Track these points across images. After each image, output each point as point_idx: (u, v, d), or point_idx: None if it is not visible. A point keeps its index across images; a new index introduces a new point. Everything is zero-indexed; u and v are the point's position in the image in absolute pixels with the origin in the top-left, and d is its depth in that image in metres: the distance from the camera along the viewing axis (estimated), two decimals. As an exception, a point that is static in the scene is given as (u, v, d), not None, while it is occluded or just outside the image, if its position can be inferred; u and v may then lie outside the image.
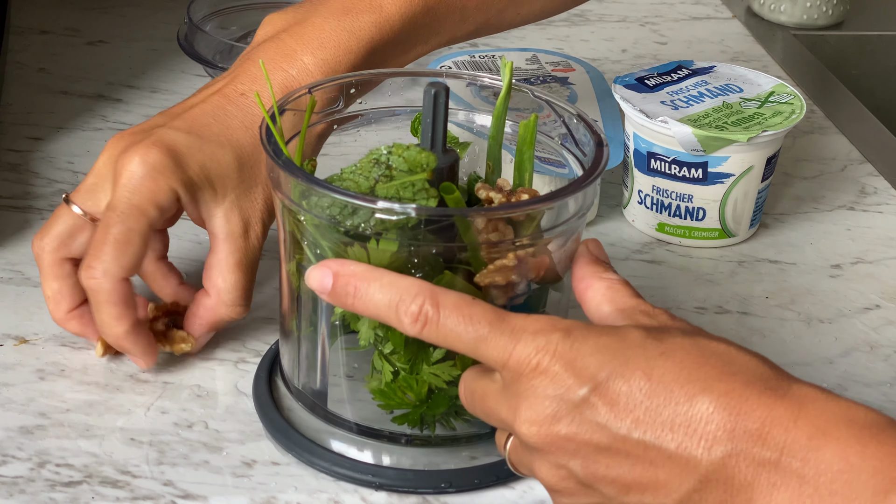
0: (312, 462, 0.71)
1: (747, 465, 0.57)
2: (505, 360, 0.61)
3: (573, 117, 0.73)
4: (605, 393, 0.59)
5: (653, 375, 0.59)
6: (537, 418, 0.60)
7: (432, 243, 0.65)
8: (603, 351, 0.60)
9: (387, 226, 0.64)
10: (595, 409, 0.59)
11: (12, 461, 0.71)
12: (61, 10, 1.22)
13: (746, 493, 0.57)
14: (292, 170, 0.67)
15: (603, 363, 0.59)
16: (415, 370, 0.68)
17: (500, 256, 0.66)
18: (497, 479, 0.71)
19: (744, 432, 0.57)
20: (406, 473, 0.70)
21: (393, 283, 0.63)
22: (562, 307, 0.72)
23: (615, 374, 0.59)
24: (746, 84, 0.97)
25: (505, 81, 0.72)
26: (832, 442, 0.56)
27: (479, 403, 0.64)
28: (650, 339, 0.60)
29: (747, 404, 0.58)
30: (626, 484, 0.59)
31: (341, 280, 0.64)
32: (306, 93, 0.73)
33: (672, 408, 0.58)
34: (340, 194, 0.65)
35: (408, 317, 0.62)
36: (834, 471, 0.56)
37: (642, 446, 0.58)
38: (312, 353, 0.71)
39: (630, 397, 0.59)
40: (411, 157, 0.67)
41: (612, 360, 0.59)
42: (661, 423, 0.58)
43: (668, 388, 0.58)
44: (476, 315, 0.62)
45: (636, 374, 0.59)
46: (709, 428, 0.57)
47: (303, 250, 0.69)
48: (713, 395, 0.58)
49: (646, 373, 0.59)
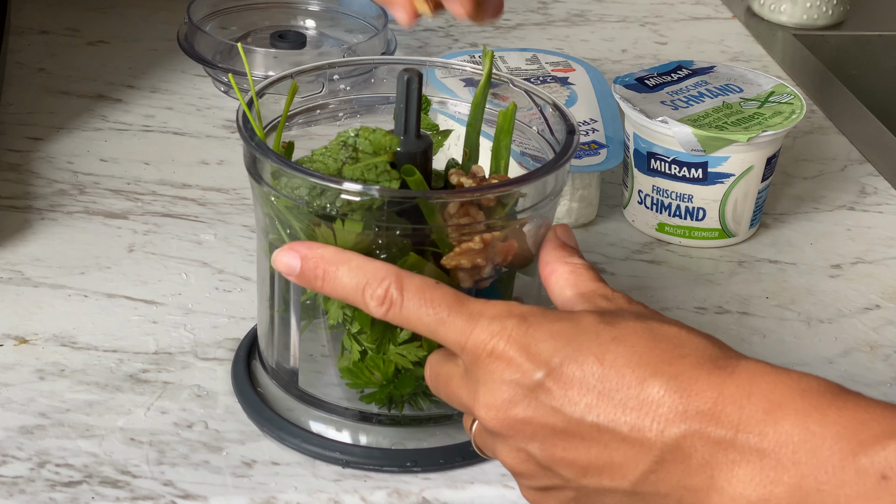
0: (282, 438, 0.73)
1: (703, 445, 0.58)
2: (463, 343, 0.62)
3: (548, 106, 0.75)
4: (560, 377, 0.60)
5: (605, 360, 0.60)
6: (494, 403, 0.61)
7: (397, 225, 0.67)
8: (557, 336, 0.61)
9: (353, 207, 0.66)
10: (550, 394, 0.60)
11: (12, 461, 0.71)
12: (61, 10, 1.22)
13: (706, 471, 0.58)
14: (264, 151, 0.69)
15: (557, 348, 0.60)
16: (381, 350, 0.69)
17: (467, 240, 0.67)
18: (462, 459, 0.72)
19: (696, 413, 0.58)
20: (373, 452, 0.72)
21: (361, 267, 0.64)
22: (533, 291, 0.74)
23: (569, 359, 0.60)
24: (746, 84, 0.97)
25: (485, 71, 0.73)
26: (790, 414, 0.57)
27: (442, 386, 0.65)
28: (603, 323, 0.61)
29: (697, 385, 0.58)
30: (583, 466, 0.60)
31: (310, 263, 0.65)
32: (288, 78, 0.74)
33: (624, 391, 0.59)
34: (307, 175, 0.66)
35: (374, 300, 0.63)
36: (795, 441, 0.56)
37: (596, 429, 0.59)
38: (285, 332, 0.73)
39: (583, 382, 0.59)
40: (376, 139, 0.69)
41: (565, 346, 0.60)
42: (614, 406, 0.59)
43: (619, 372, 0.59)
44: (437, 299, 0.63)
45: (589, 358, 0.60)
46: (661, 410, 0.58)
47: (277, 230, 0.70)
48: (663, 379, 0.59)
49: (598, 357, 0.60)
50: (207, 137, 1.04)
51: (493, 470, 0.73)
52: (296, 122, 0.76)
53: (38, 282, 0.85)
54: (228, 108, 1.08)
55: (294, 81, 0.73)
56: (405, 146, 0.70)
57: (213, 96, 1.10)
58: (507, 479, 0.72)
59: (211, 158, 1.01)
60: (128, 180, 0.97)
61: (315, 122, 0.78)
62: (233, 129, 1.05)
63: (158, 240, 0.90)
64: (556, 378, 0.60)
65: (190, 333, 0.82)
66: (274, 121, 0.74)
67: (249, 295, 0.85)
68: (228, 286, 0.86)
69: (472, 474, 0.72)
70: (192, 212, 0.94)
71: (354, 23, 1.17)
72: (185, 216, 0.93)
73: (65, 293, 0.84)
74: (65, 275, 0.86)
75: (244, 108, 0.71)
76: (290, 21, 1.19)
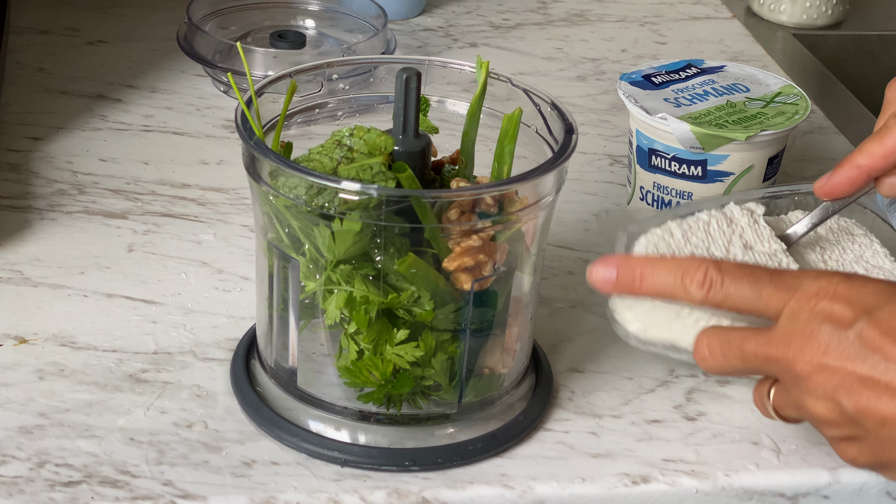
0: (281, 438, 0.73)
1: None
2: (787, 299, 0.66)
3: (548, 106, 0.75)
4: (879, 324, 0.63)
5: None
6: (812, 350, 0.64)
7: (395, 224, 0.67)
8: (881, 291, 0.64)
9: (350, 206, 0.66)
10: (866, 341, 0.63)
11: (12, 461, 0.71)
12: (61, 10, 1.22)
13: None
14: (263, 150, 0.69)
15: (879, 298, 0.63)
16: (378, 350, 0.69)
17: (463, 239, 0.68)
18: (461, 458, 0.72)
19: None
20: (372, 451, 0.72)
21: (675, 261, 0.69)
22: (532, 291, 0.74)
23: (889, 308, 0.63)
24: (754, 84, 0.97)
25: (480, 80, 0.73)
26: None
27: (736, 348, 0.67)
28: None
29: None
30: (882, 417, 0.63)
31: (625, 270, 0.70)
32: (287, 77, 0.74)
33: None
34: (306, 174, 0.67)
35: (695, 284, 0.68)
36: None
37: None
38: (284, 332, 0.73)
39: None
40: (371, 139, 0.69)
41: (889, 298, 0.64)
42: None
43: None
44: (756, 272, 0.67)
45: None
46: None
47: (276, 229, 0.70)
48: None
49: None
50: (207, 137, 1.04)
51: (492, 470, 0.73)
52: (295, 121, 0.76)
53: (38, 282, 0.85)
54: (228, 108, 1.08)
55: (293, 81, 0.73)
56: (403, 145, 0.70)
57: (213, 96, 1.10)
58: (507, 479, 0.72)
59: (210, 158, 1.01)
60: (127, 180, 0.97)
61: (314, 121, 0.78)
62: (232, 129, 1.05)
63: (158, 240, 0.90)
64: (875, 324, 0.63)
65: (189, 333, 0.82)
66: (273, 120, 0.74)
67: (249, 295, 0.85)
68: (228, 286, 0.86)
69: (471, 474, 0.72)
70: (192, 212, 0.94)
71: (354, 23, 1.17)
72: (185, 216, 0.93)
73: (64, 293, 0.84)
74: (64, 275, 0.86)
75: (243, 108, 0.71)
76: (290, 21, 1.19)
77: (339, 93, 0.79)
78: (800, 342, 0.65)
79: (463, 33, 1.25)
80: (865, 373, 0.64)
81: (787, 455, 0.75)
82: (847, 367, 0.64)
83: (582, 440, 0.75)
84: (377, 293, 0.69)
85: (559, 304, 0.87)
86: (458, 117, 0.77)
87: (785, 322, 0.67)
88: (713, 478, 0.73)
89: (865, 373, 0.64)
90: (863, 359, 0.64)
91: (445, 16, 1.28)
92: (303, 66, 0.76)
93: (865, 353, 0.64)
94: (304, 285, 0.71)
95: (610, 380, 0.80)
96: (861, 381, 0.64)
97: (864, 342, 0.64)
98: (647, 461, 0.74)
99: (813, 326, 0.65)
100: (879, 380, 0.63)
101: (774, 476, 0.74)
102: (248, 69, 0.78)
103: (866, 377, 0.63)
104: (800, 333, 0.66)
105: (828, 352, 0.64)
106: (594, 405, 0.78)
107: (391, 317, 0.70)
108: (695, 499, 0.73)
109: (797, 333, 0.66)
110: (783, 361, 0.66)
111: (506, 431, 0.74)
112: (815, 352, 0.65)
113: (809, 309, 0.65)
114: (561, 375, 0.80)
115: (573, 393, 0.79)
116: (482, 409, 0.74)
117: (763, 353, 0.67)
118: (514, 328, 0.74)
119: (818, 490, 0.74)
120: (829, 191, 0.78)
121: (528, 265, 0.73)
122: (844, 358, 0.64)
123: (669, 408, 0.78)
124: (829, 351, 0.64)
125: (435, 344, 0.70)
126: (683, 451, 0.75)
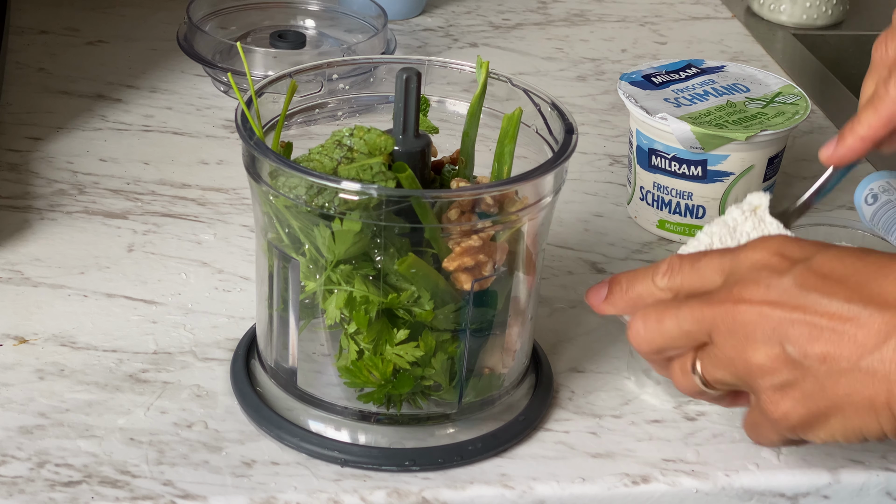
0: (281, 438, 0.73)
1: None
2: (729, 262, 0.68)
3: (548, 106, 0.75)
4: (817, 268, 0.65)
5: (858, 253, 0.66)
6: (753, 292, 0.66)
7: (395, 224, 0.67)
8: (815, 244, 0.67)
9: (350, 206, 0.66)
10: (804, 284, 0.65)
11: (12, 461, 0.71)
12: (61, 10, 1.22)
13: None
14: (263, 150, 0.69)
15: (814, 245, 0.67)
16: (378, 351, 0.69)
17: (463, 239, 0.68)
18: (461, 458, 0.72)
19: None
20: (372, 451, 0.72)
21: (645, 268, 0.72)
22: (532, 291, 0.74)
23: (822, 253, 0.66)
24: (755, 84, 0.97)
25: (480, 80, 0.73)
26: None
27: (672, 315, 0.68)
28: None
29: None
30: (824, 354, 0.64)
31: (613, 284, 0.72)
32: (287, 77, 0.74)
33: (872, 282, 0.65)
34: (306, 174, 0.67)
35: (659, 274, 0.70)
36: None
37: (839, 317, 0.64)
38: (284, 332, 0.73)
39: (834, 272, 0.65)
40: (371, 139, 0.69)
41: (824, 246, 0.67)
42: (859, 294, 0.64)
43: (868, 264, 0.65)
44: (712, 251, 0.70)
45: (844, 251, 0.66)
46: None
47: (276, 229, 0.71)
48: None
49: (850, 251, 0.66)
50: (207, 137, 1.04)
51: (492, 470, 0.73)
52: (295, 121, 0.76)
53: (38, 282, 0.85)
54: (228, 108, 1.08)
55: (293, 81, 0.73)
56: (404, 145, 0.70)
57: (213, 96, 1.10)
58: (507, 479, 0.72)
59: (210, 158, 1.01)
60: (127, 180, 0.97)
61: (314, 121, 0.78)
62: (232, 129, 1.05)
63: (158, 240, 0.90)
64: (813, 270, 0.65)
65: (189, 333, 0.82)
66: (273, 120, 0.74)
67: (249, 295, 0.85)
68: (228, 286, 0.86)
69: (471, 474, 0.72)
70: (192, 212, 0.94)
71: (354, 23, 1.17)
72: (185, 216, 0.93)
73: (64, 293, 0.84)
74: (64, 275, 0.86)
75: (243, 108, 0.71)
76: (290, 21, 1.19)
77: (339, 93, 0.79)
78: (740, 288, 0.66)
79: (463, 33, 1.25)
80: (807, 313, 0.65)
81: (787, 455, 0.75)
82: (789, 305, 0.65)
83: (582, 440, 0.75)
84: (377, 293, 0.69)
85: (559, 304, 0.87)
86: (458, 117, 0.77)
87: (726, 280, 0.68)
88: (713, 478, 0.73)
89: (807, 313, 0.65)
90: (803, 298, 0.65)
91: (445, 16, 1.28)
92: (303, 66, 0.76)
93: (805, 293, 0.65)
94: (304, 285, 0.71)
95: (610, 380, 0.80)
96: (803, 320, 0.65)
97: (804, 285, 0.65)
98: (647, 461, 0.74)
99: (753, 275, 0.67)
100: (819, 319, 0.64)
101: (774, 476, 0.74)
102: (248, 69, 0.78)
103: (807, 318, 0.64)
104: (739, 282, 0.67)
105: (769, 293, 0.66)
106: (594, 405, 0.78)
107: (391, 317, 0.70)
108: (695, 499, 0.73)
109: (737, 283, 0.67)
110: (723, 312, 0.67)
111: (506, 431, 0.74)
112: (756, 293, 0.66)
113: (749, 263, 0.67)
114: (561, 375, 0.80)
115: (573, 393, 0.79)
116: (482, 409, 0.74)
117: (700, 312, 0.68)
118: (514, 328, 0.74)
119: (818, 490, 0.74)
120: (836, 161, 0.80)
121: (528, 265, 0.73)
122: (787, 297, 0.65)
123: (669, 408, 0.78)
124: (771, 292, 0.65)
125: (435, 344, 0.70)
126: (683, 451, 0.75)
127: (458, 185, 0.70)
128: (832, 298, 0.65)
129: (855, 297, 0.65)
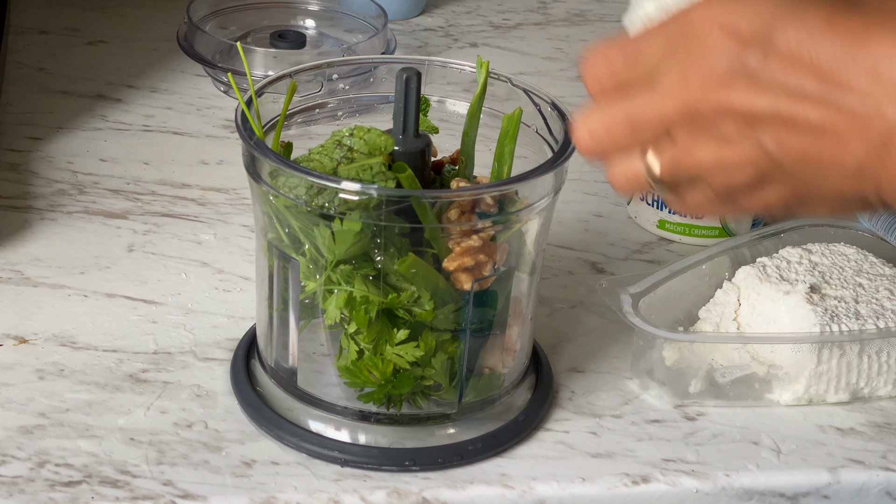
0: (282, 438, 0.73)
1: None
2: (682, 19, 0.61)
3: (548, 106, 0.75)
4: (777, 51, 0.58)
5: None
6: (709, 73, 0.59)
7: (395, 223, 0.67)
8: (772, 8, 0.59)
9: (350, 206, 0.66)
10: (769, 61, 0.58)
11: (12, 461, 0.71)
12: (61, 10, 1.22)
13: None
14: (263, 150, 0.69)
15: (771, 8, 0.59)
16: (378, 351, 0.69)
17: (463, 239, 0.68)
18: (461, 458, 0.72)
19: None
20: (372, 451, 0.72)
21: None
22: (532, 291, 0.74)
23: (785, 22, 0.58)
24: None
25: (480, 80, 0.73)
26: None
27: (620, 111, 0.62)
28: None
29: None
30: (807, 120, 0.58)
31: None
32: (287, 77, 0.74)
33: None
34: (306, 174, 0.67)
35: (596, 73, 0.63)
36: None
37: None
38: (284, 332, 0.73)
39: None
40: (371, 139, 0.69)
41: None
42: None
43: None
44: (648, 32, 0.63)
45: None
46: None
47: (276, 229, 0.71)
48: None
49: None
50: (207, 137, 1.04)
51: (492, 470, 0.73)
52: (295, 121, 0.76)
53: (38, 282, 0.85)
54: (228, 108, 1.08)
55: (293, 81, 0.73)
56: (403, 145, 0.70)
57: (213, 96, 1.10)
58: (507, 479, 0.72)
59: (210, 158, 1.01)
60: (127, 180, 0.97)
61: (314, 121, 0.78)
62: (232, 129, 1.05)
63: (158, 240, 0.90)
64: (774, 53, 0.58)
65: (189, 333, 0.82)
66: (273, 120, 0.74)
67: (249, 295, 0.85)
68: (228, 286, 0.86)
69: (471, 474, 0.72)
70: (192, 212, 0.94)
71: (354, 22, 1.17)
72: (185, 216, 0.93)
73: (64, 293, 0.84)
74: (64, 275, 0.86)
75: (243, 108, 0.71)
76: (290, 21, 1.19)
77: (339, 93, 0.79)
78: (695, 68, 0.60)
79: (463, 33, 1.25)
80: (780, 102, 0.58)
81: (787, 455, 0.75)
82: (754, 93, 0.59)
83: (582, 440, 0.75)
84: (377, 293, 0.69)
85: (559, 304, 0.87)
86: (458, 117, 0.77)
87: (679, 65, 0.61)
88: (713, 478, 0.73)
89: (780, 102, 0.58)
90: (770, 83, 0.58)
91: (445, 16, 1.28)
92: (303, 66, 0.76)
93: (772, 78, 0.58)
94: (304, 285, 0.71)
95: (610, 380, 0.80)
96: (776, 112, 0.58)
97: (768, 68, 0.59)
98: (647, 461, 0.74)
99: (707, 59, 0.60)
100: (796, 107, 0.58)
101: (774, 476, 0.74)
102: (248, 69, 0.78)
103: (781, 109, 0.58)
104: (691, 60, 0.60)
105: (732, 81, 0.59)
106: (594, 405, 0.78)
107: (391, 317, 0.70)
108: (695, 499, 0.73)
109: (690, 70, 0.60)
110: (682, 106, 0.60)
111: (506, 431, 0.74)
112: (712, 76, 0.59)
113: (698, 43, 0.60)
114: (561, 375, 0.80)
115: (573, 393, 0.79)
116: (482, 409, 0.74)
117: (654, 109, 0.61)
118: (514, 328, 0.74)
119: (818, 490, 0.74)
120: None
121: (528, 265, 0.73)
122: (750, 84, 0.59)
123: (669, 407, 0.78)
124: (734, 80, 0.59)
125: (435, 344, 0.70)
126: (683, 451, 0.75)
127: (458, 185, 0.70)
128: (804, 81, 0.58)
129: (829, 79, 0.58)
